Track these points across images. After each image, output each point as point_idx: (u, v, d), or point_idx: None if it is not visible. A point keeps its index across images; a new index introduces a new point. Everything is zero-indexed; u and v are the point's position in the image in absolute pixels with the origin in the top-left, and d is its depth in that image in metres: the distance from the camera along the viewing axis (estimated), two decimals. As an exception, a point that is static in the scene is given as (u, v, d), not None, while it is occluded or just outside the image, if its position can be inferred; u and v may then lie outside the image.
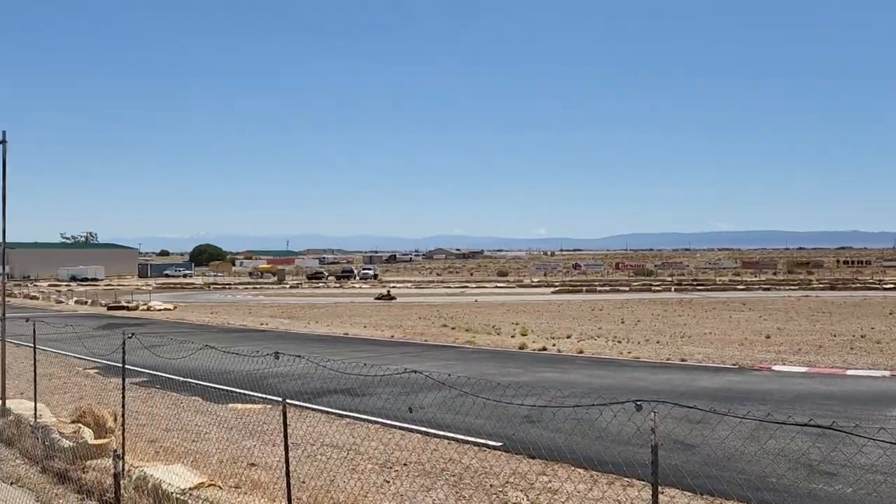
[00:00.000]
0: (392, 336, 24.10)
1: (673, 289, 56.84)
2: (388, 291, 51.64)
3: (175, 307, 41.22)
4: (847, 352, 18.42)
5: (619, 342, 21.20)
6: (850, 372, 15.27)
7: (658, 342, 21.11)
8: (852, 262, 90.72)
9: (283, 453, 6.08)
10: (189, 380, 13.09)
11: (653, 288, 57.78)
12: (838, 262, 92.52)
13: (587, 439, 8.78)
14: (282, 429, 6.21)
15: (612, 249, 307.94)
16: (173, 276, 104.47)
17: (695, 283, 63.59)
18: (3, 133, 10.54)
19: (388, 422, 10.23)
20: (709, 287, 57.74)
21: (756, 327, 25.36)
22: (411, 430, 9.66)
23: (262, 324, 29.89)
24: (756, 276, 72.21)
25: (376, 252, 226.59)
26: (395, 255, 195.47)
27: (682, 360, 17.38)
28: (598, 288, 58.61)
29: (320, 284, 78.65)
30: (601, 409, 6.18)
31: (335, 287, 72.69)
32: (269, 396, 11.92)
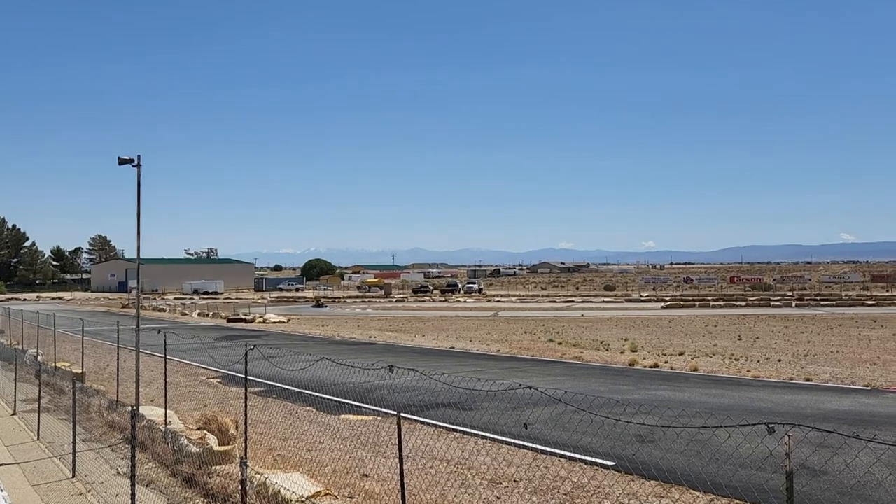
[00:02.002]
0: (498, 350, 24.03)
1: (794, 304, 53.58)
2: (318, 300, 53.86)
3: (288, 320, 42.94)
4: None
5: (737, 360, 20.19)
6: None
7: (779, 360, 19.94)
8: None
9: (397, 465, 6.16)
10: (303, 390, 13.56)
11: (772, 303, 54.72)
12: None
13: (709, 462, 8.38)
14: (393, 440, 6.30)
15: (725, 262, 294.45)
16: (286, 290, 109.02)
17: (818, 297, 59.69)
18: (138, 157, 11.38)
19: (498, 437, 10.17)
20: (834, 302, 54.01)
21: (889, 346, 23.47)
22: (521, 446, 9.56)
23: (370, 337, 30.59)
24: (887, 291, 66.90)
25: (480, 266, 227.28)
26: (499, 269, 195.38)
27: (807, 379, 16.32)
28: (712, 303, 56.12)
29: (425, 298, 79.67)
30: (725, 430, 5.89)
31: (440, 301, 73.40)
32: (380, 409, 12.15)
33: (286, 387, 14.61)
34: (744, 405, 13.09)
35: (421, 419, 11.59)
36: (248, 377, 8.89)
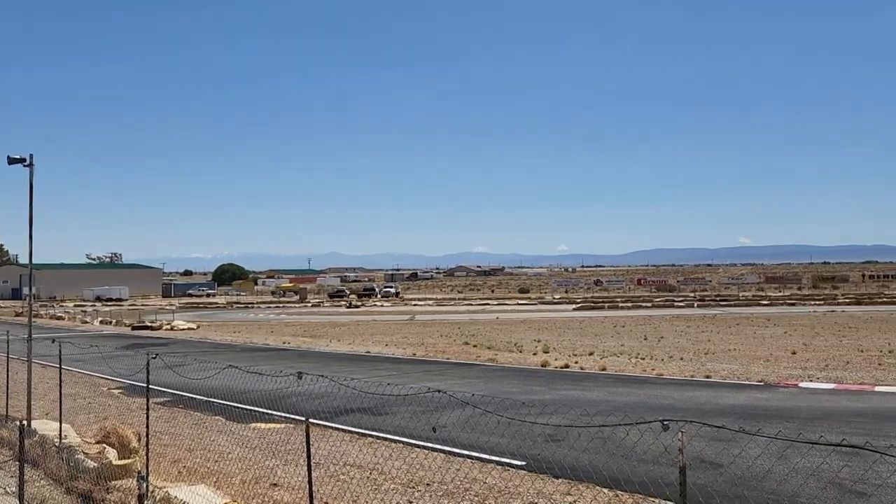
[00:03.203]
0: (414, 354, 24.06)
1: (696, 304, 56.22)
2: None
3: (198, 326, 41.56)
4: (875, 367, 18.07)
5: (643, 359, 20.99)
6: (878, 388, 14.96)
7: (682, 359, 20.86)
8: (878, 277, 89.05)
9: (306, 473, 6.07)
10: (212, 399, 13.14)
11: (675, 304, 57.21)
12: (864, 276, 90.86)
13: (612, 458, 8.66)
14: (304, 448, 6.20)
15: (633, 265, 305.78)
16: (196, 296, 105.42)
17: (718, 298, 62.86)
18: (31, 157, 10.75)
19: (411, 441, 10.18)
20: (732, 302, 57.03)
21: (781, 343, 24.98)
22: (434, 450, 9.60)
23: (284, 342, 30.02)
24: (780, 292, 71.20)
25: (398, 270, 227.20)
26: (416, 273, 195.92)
27: (707, 376, 17.15)
28: (620, 304, 58.15)
29: (342, 303, 78.87)
30: (626, 428, 6.11)
31: (357, 305, 72.87)
32: (292, 416, 11.93)
33: (194, 396, 14.14)
34: (648, 402, 13.62)
35: (334, 425, 11.46)
36: (154, 387, 8.56)
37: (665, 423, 3.52)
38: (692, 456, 8.83)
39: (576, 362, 20.36)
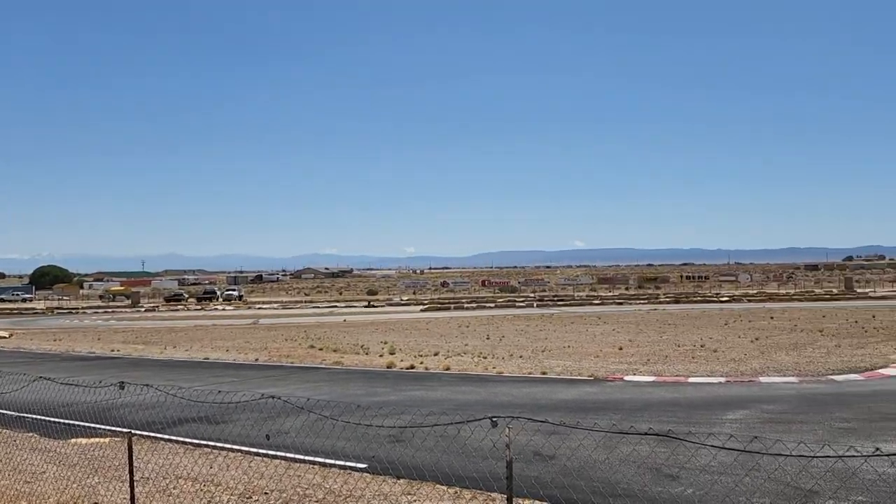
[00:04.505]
0: (256, 359, 23.30)
1: (535, 304, 58.99)
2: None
3: (11, 335, 37.62)
4: (689, 361, 19.89)
5: (485, 358, 21.70)
6: (691, 379, 16.51)
7: (521, 357, 21.80)
8: (694, 278, 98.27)
9: (129, 490, 5.68)
10: (25, 415, 11.97)
11: (517, 304, 59.68)
12: (682, 277, 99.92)
13: (452, 456, 8.88)
14: (133, 462, 5.80)
15: (479, 267, 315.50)
16: (9, 301, 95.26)
17: (555, 298, 66.36)
18: None
19: (250, 449, 9.83)
20: (568, 302, 60.42)
21: (610, 340, 26.81)
22: (274, 457, 9.35)
23: (112, 350, 27.94)
24: (610, 291, 76.51)
25: (241, 272, 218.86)
26: (261, 275, 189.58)
27: (544, 373, 18.05)
28: (466, 305, 59.74)
29: (180, 307, 74.67)
30: (467, 426, 6.29)
31: (196, 309, 69.29)
32: (119, 429, 11.10)
33: (3, 412, 12.77)
34: (489, 400, 14.12)
35: (167, 437, 10.82)
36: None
37: (494, 419, 3.66)
38: (530, 450, 9.27)
39: (421, 363, 20.66)
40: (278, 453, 9.46)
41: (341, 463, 8.83)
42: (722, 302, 55.00)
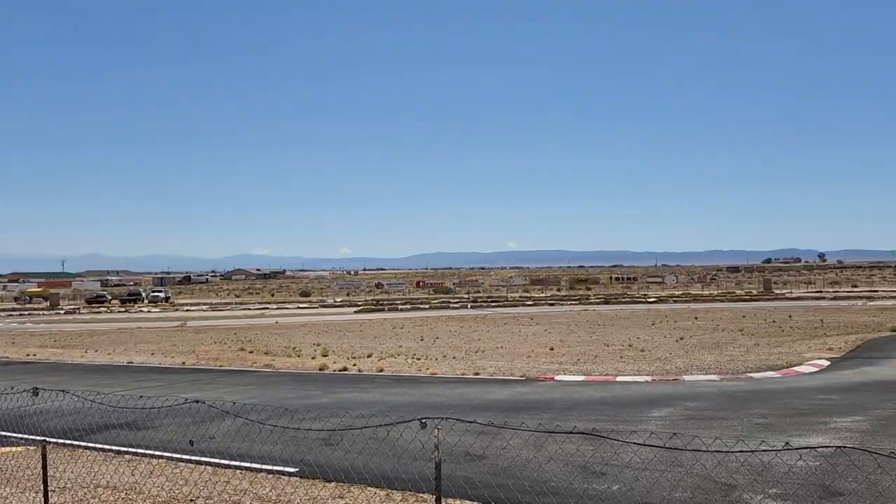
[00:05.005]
0: (183, 363, 22.66)
1: (469, 305, 59.37)
2: None
3: (-85, 339, 35.38)
4: (618, 360, 20.42)
5: (419, 359, 21.71)
6: (619, 378, 16.96)
7: (454, 358, 21.92)
8: (623, 279, 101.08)
9: (43, 501, 5.44)
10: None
11: (451, 305, 59.92)
12: (611, 278, 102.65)
13: (383, 458, 8.84)
14: (49, 471, 5.55)
15: (414, 268, 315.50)
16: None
17: (489, 299, 66.97)
18: None
19: (176, 455, 9.56)
20: (501, 303, 61.06)
21: (542, 340, 27.25)
22: (200, 463, 9.10)
23: (28, 355, 26.66)
24: (542, 293, 77.79)
25: (169, 273, 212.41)
26: (189, 276, 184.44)
27: (476, 374, 18.20)
28: (400, 306, 59.61)
29: (102, 309, 71.76)
30: (399, 427, 6.28)
31: (120, 312, 66.78)
32: (34, 437, 10.60)
33: None
34: (422, 401, 14.13)
35: (87, 444, 10.40)
36: None
37: (423, 420, 3.67)
38: (460, 450, 9.33)
39: (354, 365, 20.51)
40: (204, 459, 9.22)
41: (270, 468, 8.69)
42: (649, 303, 56.64)
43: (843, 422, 11.27)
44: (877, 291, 64.57)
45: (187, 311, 63.85)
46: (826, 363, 18.87)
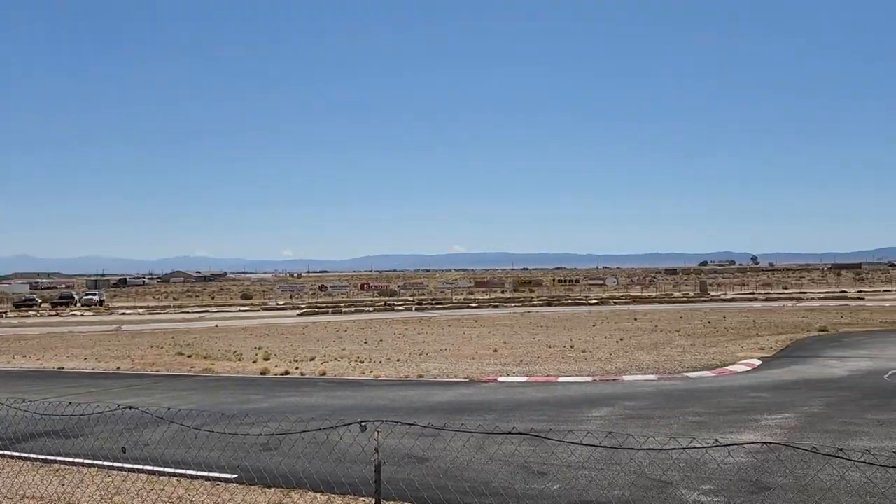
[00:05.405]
0: (118, 368, 21.94)
1: (414, 308, 59.27)
2: None
3: None
4: (560, 361, 20.71)
5: (362, 362, 21.57)
6: (561, 379, 17.20)
7: (399, 360, 21.85)
8: (565, 282, 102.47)
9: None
10: None
11: (396, 308, 59.72)
12: (554, 281, 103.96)
13: (324, 463, 8.76)
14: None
15: (358, 271, 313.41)
16: None
17: (434, 302, 67.00)
18: None
19: (108, 463, 9.25)
20: (446, 305, 61.18)
21: (486, 342, 27.41)
22: (135, 471, 8.84)
23: (-50, 361, 25.35)
24: (487, 295, 78.26)
25: (103, 276, 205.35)
26: (125, 279, 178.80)
27: (420, 376, 18.19)
28: (344, 309, 59.07)
29: (31, 313, 68.91)
30: (340, 431, 6.22)
31: (51, 316, 64.22)
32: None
33: None
34: (366, 404, 14.04)
35: (13, 453, 9.97)
36: None
37: (363, 424, 3.65)
38: (402, 453, 9.31)
39: (297, 368, 20.24)
40: (138, 466, 8.96)
41: (207, 474, 8.49)
42: (591, 305, 57.62)
43: (773, 419, 11.71)
44: (806, 293, 67.28)
45: (123, 314, 61.88)
46: (758, 362, 19.55)
